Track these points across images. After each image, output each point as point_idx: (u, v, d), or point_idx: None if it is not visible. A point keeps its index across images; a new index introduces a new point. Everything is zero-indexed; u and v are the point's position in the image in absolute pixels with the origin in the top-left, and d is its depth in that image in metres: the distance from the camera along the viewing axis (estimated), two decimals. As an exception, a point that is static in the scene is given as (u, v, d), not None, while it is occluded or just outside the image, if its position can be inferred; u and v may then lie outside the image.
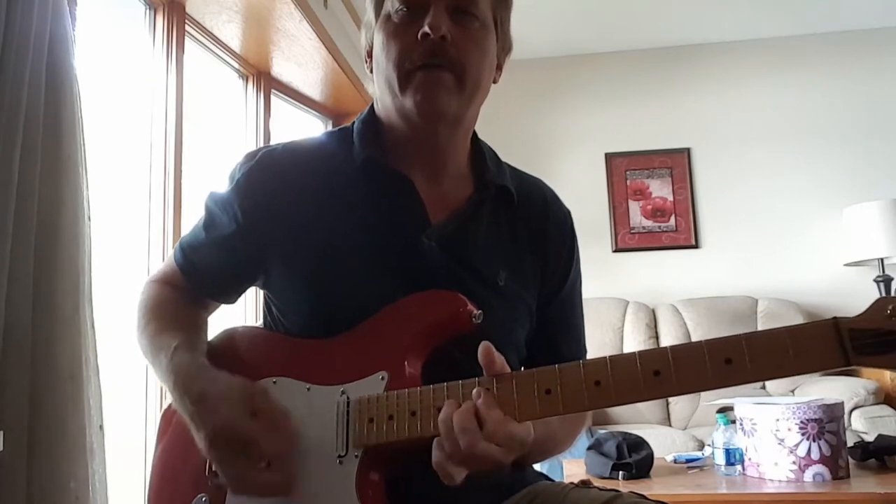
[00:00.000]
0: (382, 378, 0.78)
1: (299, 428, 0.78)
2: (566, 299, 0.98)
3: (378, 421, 0.75)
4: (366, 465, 0.75)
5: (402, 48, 0.85)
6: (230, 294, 0.98)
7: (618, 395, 0.69)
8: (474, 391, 0.71)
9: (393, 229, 0.87)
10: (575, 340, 1.00)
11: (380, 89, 0.91)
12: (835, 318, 0.65)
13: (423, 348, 0.80)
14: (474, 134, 0.97)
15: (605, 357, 0.70)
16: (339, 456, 0.76)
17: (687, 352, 0.68)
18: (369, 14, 0.93)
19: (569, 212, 1.02)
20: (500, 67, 0.95)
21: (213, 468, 0.76)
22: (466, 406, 0.69)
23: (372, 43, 0.92)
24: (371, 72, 0.94)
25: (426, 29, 0.82)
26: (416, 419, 0.74)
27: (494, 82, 0.94)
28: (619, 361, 0.69)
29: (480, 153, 0.96)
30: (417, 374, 0.79)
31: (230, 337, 0.94)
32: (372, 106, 0.96)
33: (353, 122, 0.96)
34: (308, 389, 0.81)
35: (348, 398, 0.78)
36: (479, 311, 0.79)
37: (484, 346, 0.72)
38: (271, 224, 0.88)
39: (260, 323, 0.99)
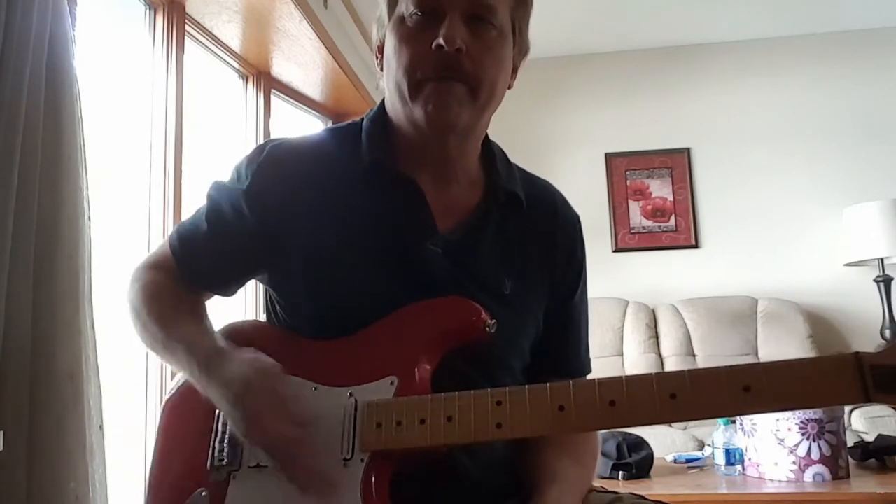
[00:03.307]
0: (392, 383, 0.77)
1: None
2: (574, 308, 0.97)
3: (386, 426, 0.74)
4: (372, 469, 0.74)
5: (415, 57, 0.82)
6: (228, 288, 0.95)
7: (632, 416, 0.68)
8: None
9: (399, 235, 0.86)
10: (581, 348, 0.99)
11: (389, 92, 0.88)
12: (856, 353, 0.64)
13: (434, 355, 0.79)
14: (486, 136, 0.96)
15: (621, 377, 0.69)
16: (345, 459, 0.75)
17: (705, 376, 0.67)
18: (382, 10, 0.89)
19: (578, 217, 1.00)
20: (515, 71, 0.92)
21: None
22: None
23: (383, 40, 0.89)
24: (381, 69, 0.91)
25: (441, 41, 0.79)
26: (426, 427, 0.73)
27: (509, 87, 0.92)
28: (635, 382, 0.68)
29: (491, 156, 0.95)
30: (427, 381, 0.78)
31: (235, 333, 0.92)
32: (382, 103, 0.93)
33: (362, 119, 0.93)
34: (315, 389, 0.80)
35: (356, 401, 0.77)
36: (494, 321, 0.79)
37: None
38: (278, 222, 0.87)
39: (262, 318, 0.98)
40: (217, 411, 0.84)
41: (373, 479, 0.74)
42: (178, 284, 0.93)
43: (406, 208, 0.87)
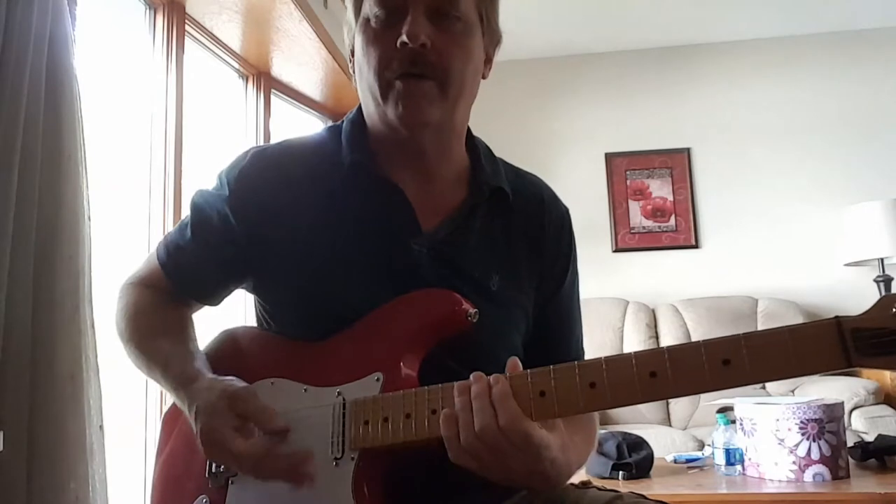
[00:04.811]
0: (378, 379, 0.77)
1: (294, 428, 0.78)
2: (564, 300, 0.96)
3: (373, 423, 0.74)
4: (362, 467, 0.74)
5: (382, 57, 0.82)
6: (216, 296, 0.96)
7: (613, 397, 0.67)
8: (492, 377, 0.69)
9: (383, 236, 0.86)
10: (574, 341, 0.98)
11: (363, 94, 0.89)
12: (837, 317, 0.62)
13: (418, 348, 0.79)
14: (469, 132, 0.95)
15: (601, 358, 0.69)
16: (336, 458, 0.75)
17: (684, 353, 0.66)
18: (349, 14, 0.90)
19: (567, 210, 1.00)
20: (489, 61, 0.92)
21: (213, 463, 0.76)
22: (483, 387, 0.68)
23: (354, 44, 0.89)
24: (354, 73, 0.91)
25: (404, 37, 0.79)
26: (411, 421, 0.73)
27: (484, 77, 0.91)
28: (615, 362, 0.68)
29: (475, 152, 0.94)
30: (414, 376, 0.78)
31: (229, 338, 0.93)
32: (361, 105, 0.94)
33: (343, 122, 0.94)
34: (305, 391, 0.80)
35: (344, 399, 0.77)
36: (475, 310, 0.78)
37: (511, 363, 0.72)
38: (262, 228, 0.87)
39: (255, 324, 0.98)
40: None
41: (364, 477, 0.74)
42: (164, 299, 0.93)
43: (388, 209, 0.87)
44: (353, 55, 0.91)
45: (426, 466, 0.74)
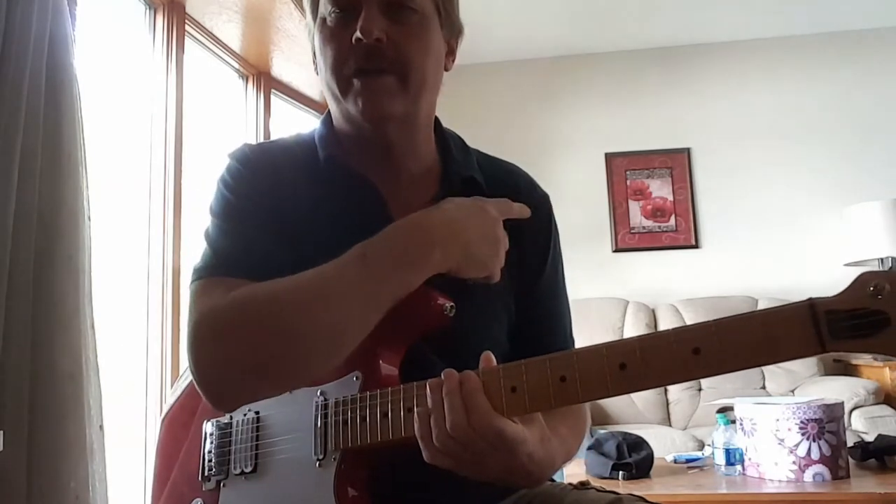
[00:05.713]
0: (356, 378, 0.76)
1: (282, 430, 0.79)
2: (547, 288, 0.94)
3: (352, 422, 0.74)
4: (344, 468, 0.74)
5: (338, 54, 0.82)
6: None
7: (584, 391, 0.65)
8: (463, 373, 0.68)
9: (357, 232, 0.82)
10: (560, 331, 0.96)
11: (326, 93, 0.88)
12: (810, 299, 0.59)
13: (397, 346, 0.79)
14: (439, 125, 0.95)
15: (573, 350, 0.67)
16: (318, 459, 0.75)
17: (655, 342, 0.64)
18: (308, 18, 0.89)
19: (546, 195, 0.98)
20: (451, 53, 0.91)
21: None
22: (454, 384, 0.67)
23: (314, 45, 0.89)
24: (318, 74, 0.90)
25: (358, 34, 0.79)
26: (388, 420, 0.72)
27: (447, 69, 0.91)
28: (586, 354, 0.66)
29: (446, 144, 0.94)
30: (395, 374, 0.77)
31: None
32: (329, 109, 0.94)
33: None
34: (290, 392, 0.80)
35: (325, 399, 0.77)
36: (451, 304, 0.77)
37: (485, 357, 0.71)
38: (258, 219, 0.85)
39: None
40: (205, 422, 0.86)
41: (347, 478, 0.74)
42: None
43: (362, 206, 0.86)
44: (315, 57, 0.90)
45: (414, 466, 0.73)
